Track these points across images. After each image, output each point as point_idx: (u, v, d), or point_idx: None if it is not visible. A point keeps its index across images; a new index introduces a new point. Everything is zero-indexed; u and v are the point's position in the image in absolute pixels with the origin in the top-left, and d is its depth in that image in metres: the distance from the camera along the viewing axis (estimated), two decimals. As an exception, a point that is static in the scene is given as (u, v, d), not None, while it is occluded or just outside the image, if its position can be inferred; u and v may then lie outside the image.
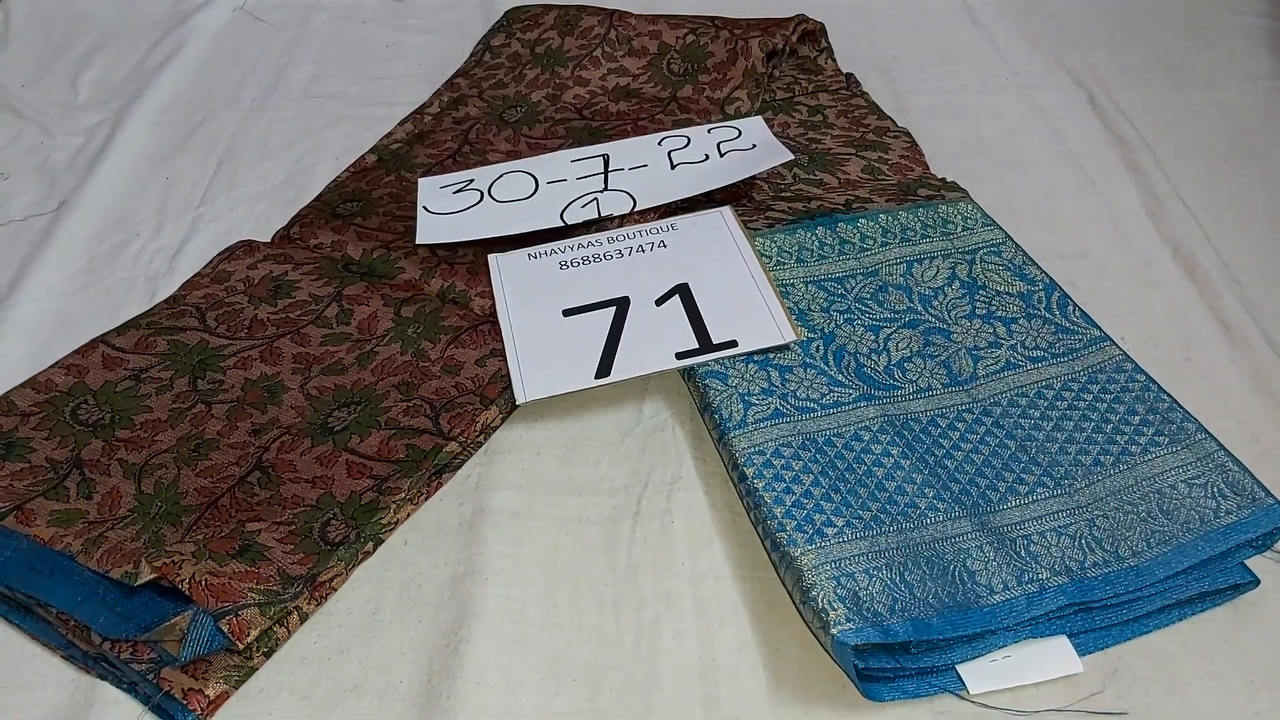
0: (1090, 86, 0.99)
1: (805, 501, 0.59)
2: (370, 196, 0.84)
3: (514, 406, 0.67)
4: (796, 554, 0.56)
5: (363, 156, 0.89)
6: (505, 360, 0.69)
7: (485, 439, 0.66)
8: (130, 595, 0.54)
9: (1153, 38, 1.07)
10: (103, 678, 0.55)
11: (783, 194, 0.82)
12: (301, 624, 0.57)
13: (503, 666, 0.55)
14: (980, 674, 0.53)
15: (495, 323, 0.72)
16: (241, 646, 0.52)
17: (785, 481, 0.60)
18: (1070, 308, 0.70)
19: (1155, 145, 0.91)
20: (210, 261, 0.78)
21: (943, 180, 0.82)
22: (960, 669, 0.53)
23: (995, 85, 1.00)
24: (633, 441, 0.67)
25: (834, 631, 0.52)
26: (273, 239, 0.81)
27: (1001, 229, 0.77)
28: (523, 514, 0.63)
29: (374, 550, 0.60)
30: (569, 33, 1.00)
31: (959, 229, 0.76)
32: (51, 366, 0.69)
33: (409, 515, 0.62)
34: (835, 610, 0.53)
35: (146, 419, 0.66)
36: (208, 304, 0.74)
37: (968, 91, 0.99)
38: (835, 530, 0.57)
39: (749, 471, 0.60)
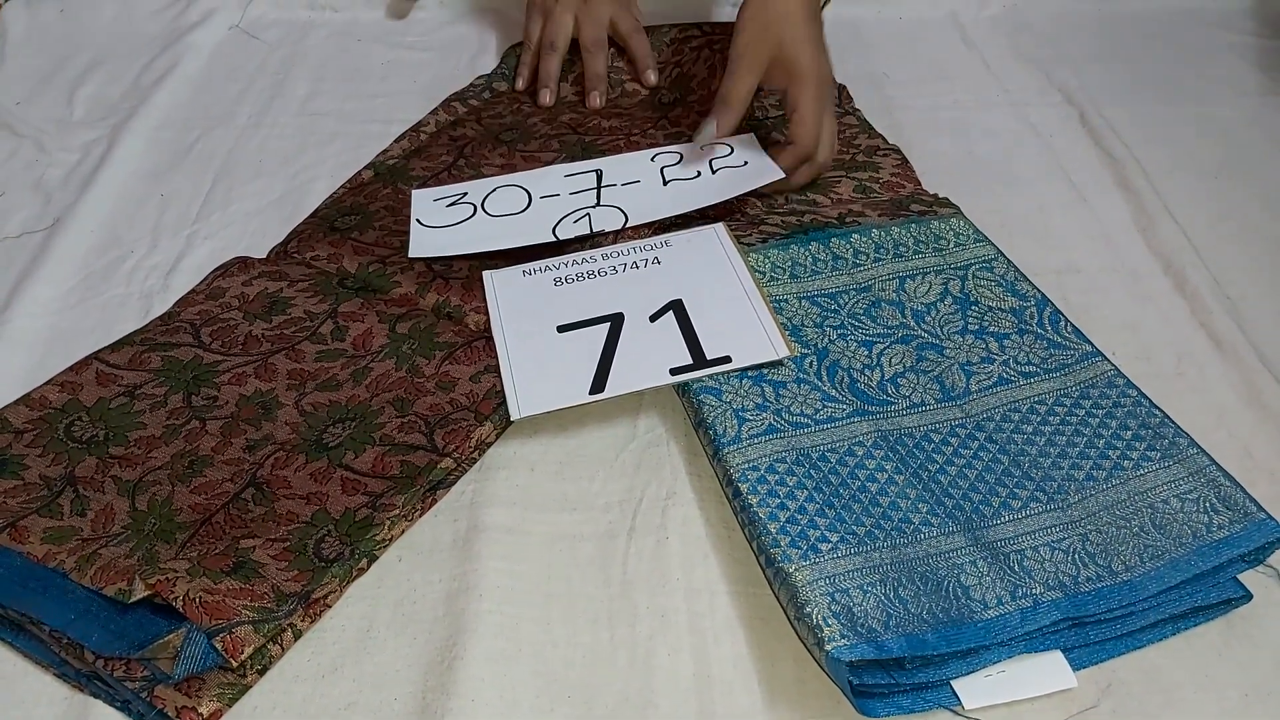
0: (1081, 103, 1.00)
1: (799, 517, 0.59)
2: (368, 210, 0.84)
3: (508, 422, 0.67)
4: (791, 570, 0.56)
5: (359, 172, 0.90)
6: (499, 376, 0.69)
7: (480, 455, 0.67)
8: (124, 613, 0.54)
9: (1143, 55, 1.08)
10: (96, 696, 0.55)
11: (776, 209, 0.82)
12: (295, 641, 0.56)
13: (497, 683, 0.55)
14: (975, 690, 0.53)
15: (489, 339, 0.72)
16: (235, 664, 0.52)
17: (779, 497, 0.60)
18: (1062, 323, 0.71)
19: (1145, 161, 0.91)
20: (205, 278, 0.78)
21: (934, 196, 0.83)
22: (955, 684, 0.53)
23: (987, 102, 1.01)
24: (627, 457, 0.67)
25: (829, 648, 0.52)
26: (269, 255, 0.81)
27: (993, 245, 0.77)
28: (517, 530, 0.63)
29: (368, 567, 0.60)
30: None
31: (951, 245, 0.77)
32: (45, 383, 0.69)
33: (403, 532, 0.62)
34: (830, 626, 0.53)
35: (140, 436, 0.66)
36: (202, 320, 0.74)
37: (959, 108, 1.00)
38: (829, 546, 0.57)
39: (743, 487, 0.60)
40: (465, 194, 0.84)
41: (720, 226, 0.79)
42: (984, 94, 1.02)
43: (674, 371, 0.67)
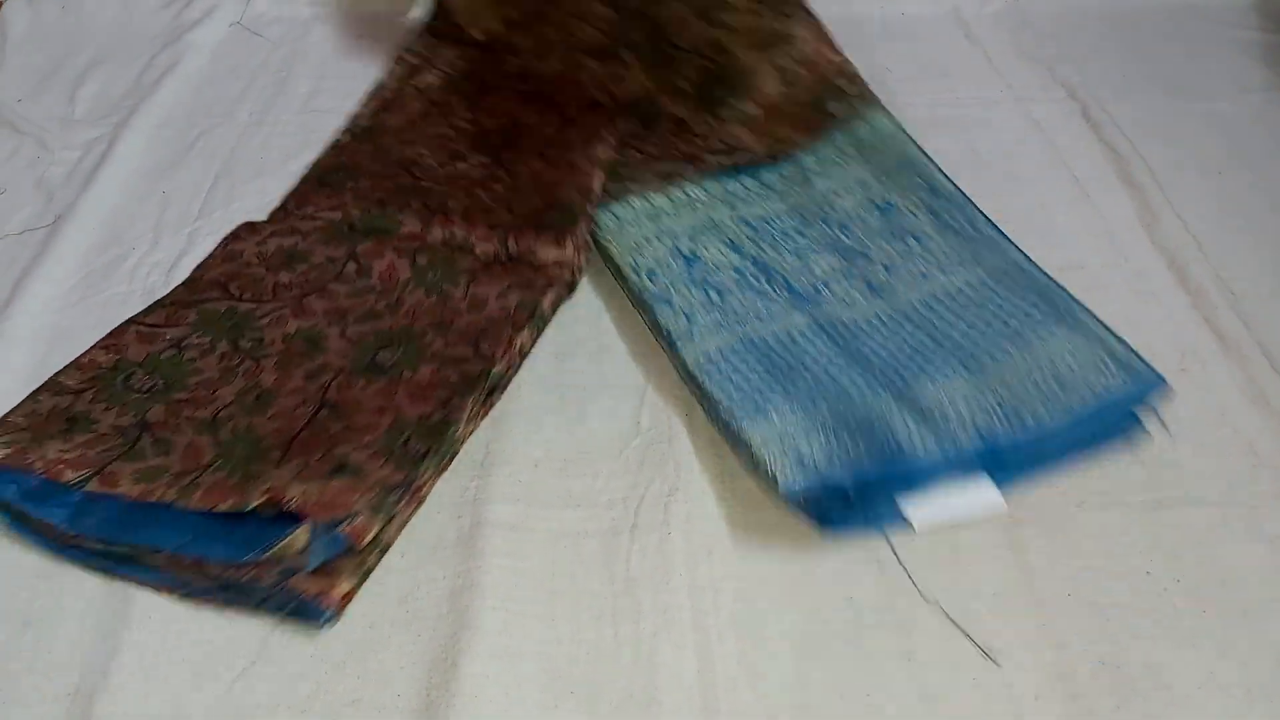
0: (1084, 99, 0.99)
1: (750, 392, 0.66)
2: (352, 165, 0.87)
3: (543, 328, 0.73)
4: (746, 435, 0.63)
5: (336, 138, 0.92)
6: (524, 290, 0.73)
7: (522, 361, 0.71)
8: (239, 525, 0.57)
9: (1146, 51, 1.08)
10: (228, 604, 0.58)
11: (714, 149, 0.87)
12: (401, 529, 0.61)
13: (501, 680, 0.55)
14: (921, 512, 0.59)
15: (506, 262, 0.76)
16: (361, 547, 0.56)
17: (731, 380, 0.67)
18: (977, 219, 0.78)
19: (1149, 157, 0.91)
20: (218, 245, 0.80)
21: (852, 81, 0.88)
22: (904, 510, 0.59)
23: (989, 99, 1.01)
24: (630, 454, 0.67)
25: (782, 486, 0.59)
26: (270, 217, 0.83)
27: (914, 142, 0.84)
28: (520, 527, 0.63)
29: (450, 464, 0.65)
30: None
31: (874, 149, 0.85)
32: (90, 349, 0.70)
33: (472, 432, 0.67)
34: (783, 471, 0.60)
35: (199, 380, 0.67)
36: (226, 278, 0.76)
37: (962, 105, 1.00)
38: (778, 411, 0.64)
39: (699, 375, 0.67)
40: None
41: None
42: (986, 90, 1.02)
43: None
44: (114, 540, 0.58)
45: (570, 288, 0.77)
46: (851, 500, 0.59)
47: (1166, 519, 0.63)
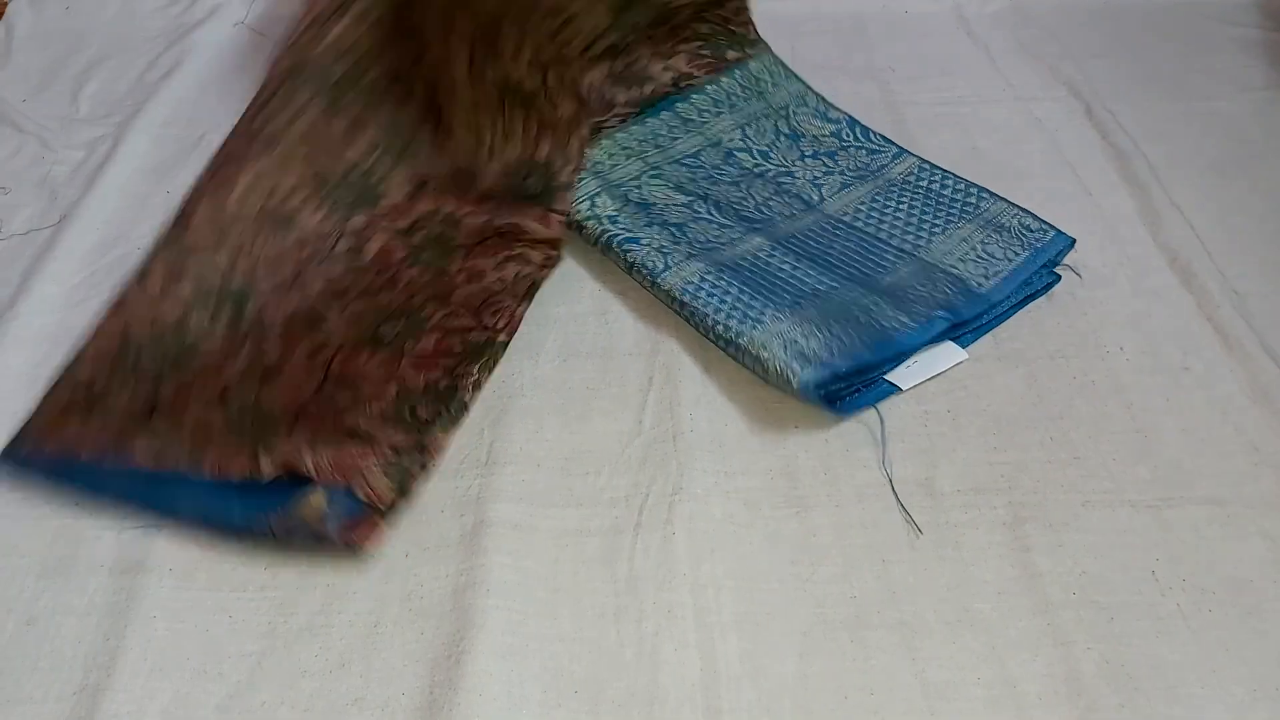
0: (1086, 98, 0.99)
1: (738, 305, 0.73)
2: (309, 134, 0.84)
3: (532, 298, 0.74)
4: (745, 341, 0.70)
5: (278, 59, 0.88)
6: (520, 264, 0.74)
7: (518, 328, 0.72)
8: (252, 491, 0.59)
9: (1149, 49, 1.08)
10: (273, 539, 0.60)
11: (620, 86, 0.92)
12: (424, 482, 0.63)
13: (504, 679, 0.55)
14: (904, 376, 0.70)
15: (499, 235, 0.77)
16: (384, 507, 0.58)
17: (716, 298, 0.74)
18: (870, 134, 0.91)
19: (1152, 155, 0.91)
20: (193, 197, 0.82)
21: (744, 31, 0.97)
22: (891, 377, 0.70)
23: (991, 97, 1.01)
24: (633, 453, 0.67)
25: (796, 382, 0.66)
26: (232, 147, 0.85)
27: (799, 79, 0.96)
28: (523, 526, 0.63)
29: (461, 420, 0.66)
30: None
31: (769, 85, 0.95)
32: (94, 328, 0.73)
33: (478, 397, 0.68)
34: (792, 366, 0.67)
35: (206, 357, 0.69)
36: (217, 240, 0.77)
37: (964, 103, 1.00)
38: (768, 316, 0.72)
39: (687, 300, 0.74)
40: None
41: None
42: (988, 88, 1.02)
43: None
44: (138, 500, 0.61)
45: (558, 259, 0.79)
46: (850, 382, 0.68)
47: (1170, 518, 0.63)
